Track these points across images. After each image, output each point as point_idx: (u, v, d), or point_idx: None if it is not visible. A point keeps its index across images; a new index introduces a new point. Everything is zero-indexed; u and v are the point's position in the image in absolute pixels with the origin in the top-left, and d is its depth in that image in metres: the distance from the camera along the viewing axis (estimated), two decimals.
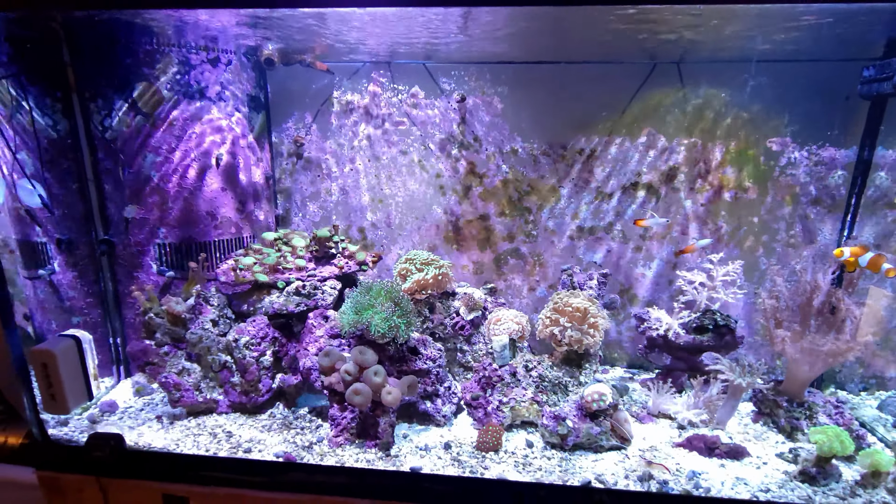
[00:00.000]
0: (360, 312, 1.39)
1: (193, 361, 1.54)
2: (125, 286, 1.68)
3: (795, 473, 1.34)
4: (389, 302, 1.41)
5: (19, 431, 2.08)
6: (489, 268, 2.00)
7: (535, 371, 1.56)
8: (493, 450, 1.43)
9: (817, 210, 1.75)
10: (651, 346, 1.69)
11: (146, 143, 1.58)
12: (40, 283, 1.69)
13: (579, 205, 1.90)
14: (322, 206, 2.01)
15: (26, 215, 1.57)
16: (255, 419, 1.55)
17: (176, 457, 1.41)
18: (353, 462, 1.38)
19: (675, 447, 1.46)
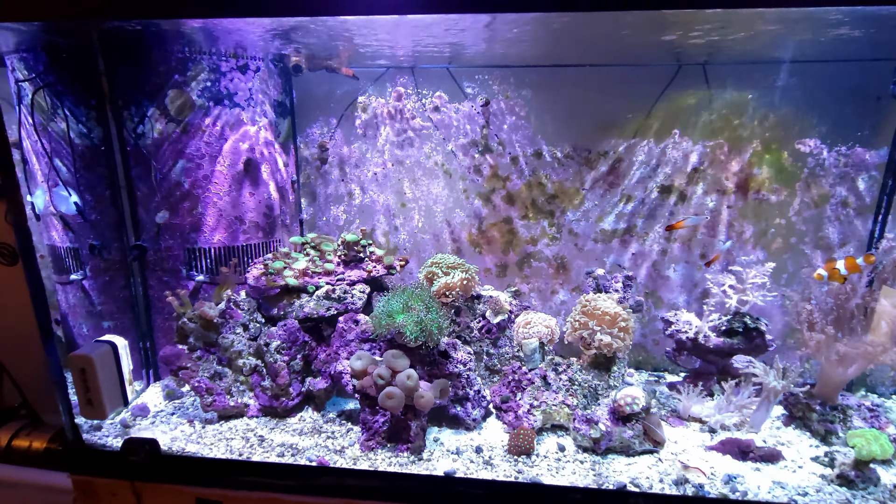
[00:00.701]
0: (393, 316, 1.39)
1: (224, 366, 1.55)
2: (155, 291, 1.70)
3: (833, 477, 1.33)
4: (421, 306, 1.41)
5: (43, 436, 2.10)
6: (512, 270, 2.00)
7: (565, 374, 1.56)
8: (526, 453, 1.42)
9: (847, 212, 1.74)
10: (680, 348, 1.68)
11: (177, 149, 1.60)
12: (72, 287, 1.71)
13: (604, 208, 1.90)
14: (346, 209, 2.02)
15: (60, 221, 1.59)
16: (286, 423, 1.56)
17: (210, 461, 1.42)
18: (386, 466, 1.38)
19: (708, 450, 1.45)
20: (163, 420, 1.57)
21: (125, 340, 1.45)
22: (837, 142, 1.70)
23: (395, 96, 1.90)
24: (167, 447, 1.47)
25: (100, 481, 1.43)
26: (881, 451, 1.26)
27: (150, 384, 1.75)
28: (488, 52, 1.67)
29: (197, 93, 1.57)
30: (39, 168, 1.56)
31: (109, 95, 1.52)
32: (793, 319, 1.53)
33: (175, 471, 1.42)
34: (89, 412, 1.35)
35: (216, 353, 1.54)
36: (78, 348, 1.70)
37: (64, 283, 1.72)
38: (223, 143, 1.65)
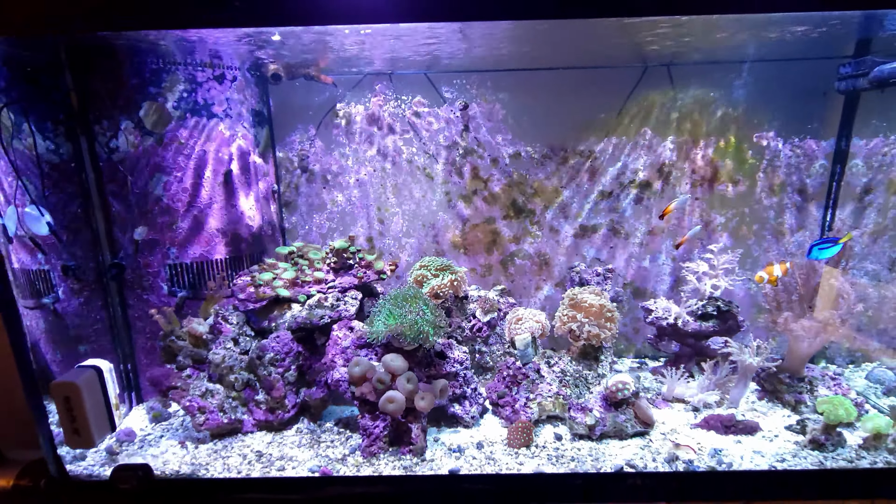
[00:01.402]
0: (389, 320, 1.40)
1: (216, 382, 1.52)
2: (135, 310, 1.64)
3: (805, 443, 1.45)
4: (417, 307, 1.43)
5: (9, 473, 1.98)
6: (497, 270, 2.05)
7: (557, 366, 1.62)
8: (525, 445, 1.47)
9: (802, 199, 1.89)
10: (661, 334, 1.78)
11: (154, 162, 1.55)
12: (42, 312, 1.62)
13: (581, 204, 1.98)
14: (329, 217, 2.01)
15: (30, 242, 1.51)
16: (282, 436, 1.54)
17: (207, 482, 1.38)
18: (390, 470, 1.39)
19: (694, 428, 1.54)
20: (151, 444, 1.52)
21: (110, 364, 1.39)
22: (791, 135, 1.85)
23: (374, 102, 1.91)
24: (160, 471, 1.42)
25: None
26: (846, 414, 1.38)
27: (134, 407, 1.68)
28: (465, 57, 1.71)
29: (173, 104, 1.53)
30: (6, 188, 1.48)
31: (79, 109, 1.46)
32: (762, 300, 1.64)
33: (170, 496, 1.37)
34: (76, 442, 1.29)
35: (206, 369, 1.50)
36: (53, 377, 1.62)
37: (34, 307, 1.63)
38: (201, 155, 1.61)
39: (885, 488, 1.34)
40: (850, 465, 1.37)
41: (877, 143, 1.80)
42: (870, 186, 1.82)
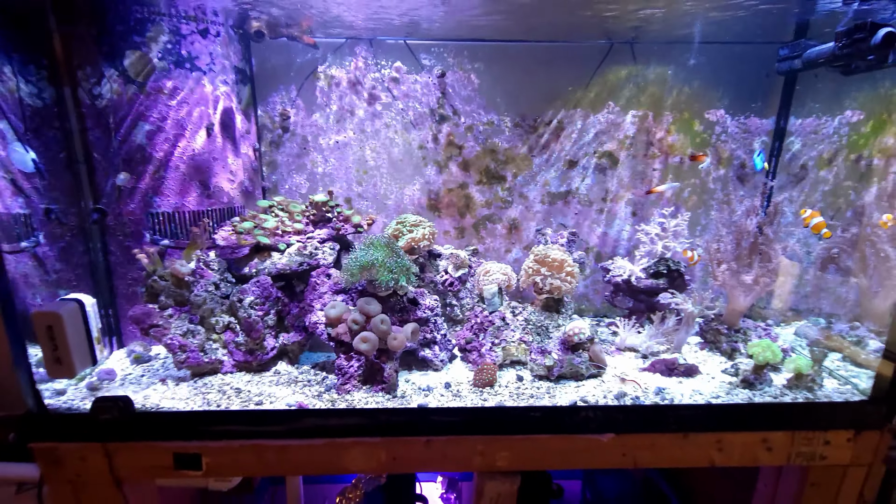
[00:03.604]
0: (364, 265, 1.50)
1: (197, 324, 1.58)
2: (117, 257, 1.68)
3: (737, 383, 1.62)
4: (390, 255, 1.53)
5: None
6: (469, 233, 2.17)
7: (521, 316, 1.75)
8: (489, 385, 1.59)
9: (746, 172, 2.07)
10: (616, 290, 1.93)
11: (138, 111, 1.59)
12: (22, 256, 1.65)
13: (549, 172, 2.11)
14: (309, 177, 2.08)
15: (10, 185, 1.53)
16: (261, 377, 1.62)
17: (187, 414, 1.45)
18: (363, 405, 1.49)
19: (642, 371, 1.70)
20: (132, 382, 1.57)
21: (93, 299, 1.43)
22: (738, 112, 2.03)
23: (354, 67, 1.99)
24: (140, 405, 1.48)
25: (66, 446, 1.41)
26: (772, 355, 1.56)
27: (115, 351, 1.73)
28: (444, 26, 1.80)
29: (157, 54, 1.58)
30: None
31: (63, 54, 1.49)
32: (705, 258, 1.81)
33: (150, 427, 1.43)
34: (57, 371, 1.33)
35: (188, 311, 1.56)
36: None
37: (14, 251, 1.65)
38: (185, 107, 1.66)
39: (804, 421, 1.53)
40: (774, 399, 1.55)
41: (810, 122, 2.00)
42: (804, 162, 2.02)
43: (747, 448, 1.55)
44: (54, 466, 1.44)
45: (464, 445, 1.50)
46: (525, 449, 1.51)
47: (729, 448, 1.55)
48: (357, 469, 1.49)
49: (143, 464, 1.45)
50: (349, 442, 1.48)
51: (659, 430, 1.52)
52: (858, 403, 1.56)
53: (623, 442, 1.53)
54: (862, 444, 1.54)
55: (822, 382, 1.60)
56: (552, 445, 1.52)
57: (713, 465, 1.57)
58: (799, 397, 1.57)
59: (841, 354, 1.81)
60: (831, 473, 1.61)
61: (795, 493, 1.64)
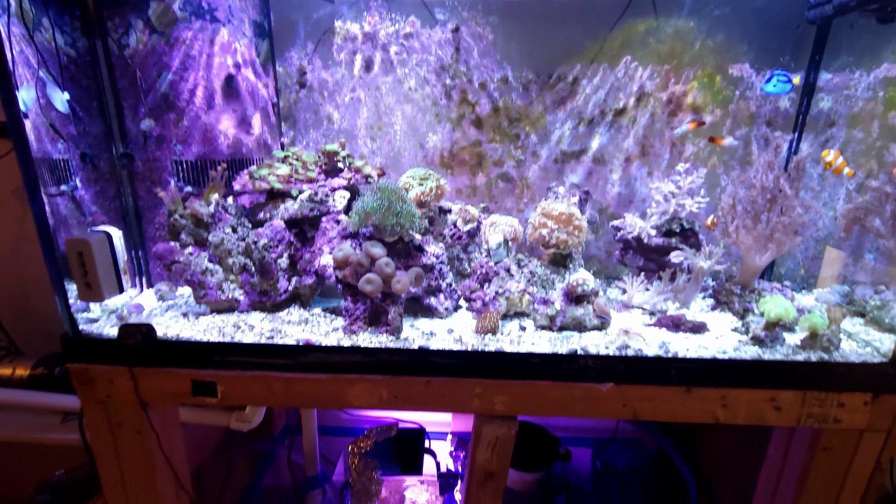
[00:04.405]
0: (371, 209, 1.54)
1: (215, 264, 1.68)
2: (145, 202, 1.79)
3: (747, 340, 1.58)
4: (397, 200, 1.56)
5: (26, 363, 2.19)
6: (481, 191, 2.18)
7: (527, 268, 1.76)
8: (491, 332, 1.62)
9: (771, 130, 1.98)
10: (626, 248, 1.91)
11: (162, 61, 1.67)
12: (62, 199, 1.78)
13: (563, 130, 2.09)
14: (325, 133, 2.14)
15: (50, 128, 1.65)
16: (274, 316, 1.70)
17: (204, 344, 1.55)
18: (367, 345, 1.55)
19: (647, 327, 1.68)
20: (157, 316, 1.69)
21: (119, 231, 1.54)
22: (764, 67, 1.93)
23: (369, 22, 2.01)
24: (163, 335, 1.58)
25: (97, 368, 1.54)
26: (786, 312, 1.51)
27: (144, 290, 1.86)
28: None
29: (179, 5, 1.65)
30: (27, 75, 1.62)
31: (94, 6, 1.58)
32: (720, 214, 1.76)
33: (170, 355, 1.54)
34: (87, 295, 1.45)
35: (207, 251, 1.65)
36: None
37: (54, 194, 1.79)
38: (205, 58, 1.73)
39: (816, 381, 1.48)
40: (784, 357, 1.51)
41: (843, 78, 1.88)
42: (833, 120, 1.91)
43: (754, 406, 1.52)
44: (88, 387, 1.57)
45: (462, 387, 1.54)
46: (523, 394, 1.54)
47: (734, 405, 1.53)
48: (360, 404, 1.56)
49: (164, 388, 1.57)
50: (353, 378, 1.55)
51: (661, 382, 1.51)
52: (878, 365, 1.50)
53: (623, 393, 1.53)
54: (880, 408, 1.48)
55: (839, 344, 1.54)
56: (551, 392, 1.53)
57: (717, 422, 1.55)
58: (813, 357, 1.52)
59: (862, 319, 1.73)
60: (845, 438, 1.56)
61: (806, 458, 1.60)
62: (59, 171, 1.76)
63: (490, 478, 1.61)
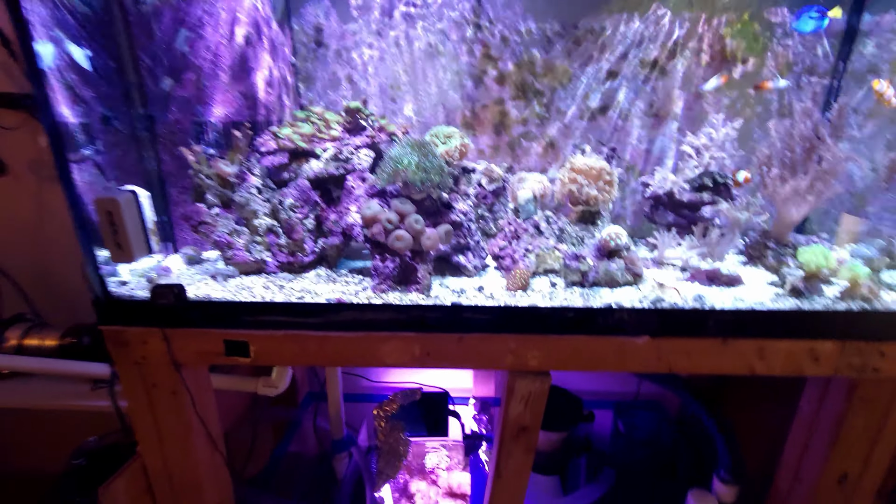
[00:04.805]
0: (398, 165, 1.51)
1: (242, 226, 1.66)
2: (168, 166, 1.78)
3: (784, 292, 1.55)
4: (424, 155, 1.53)
5: (54, 334, 2.21)
6: (504, 151, 2.13)
7: (556, 225, 1.73)
8: (522, 288, 1.60)
9: (810, 78, 1.90)
10: (656, 204, 1.86)
11: (178, 17, 1.63)
12: (85, 164, 1.77)
13: (590, 84, 2.02)
14: (343, 94, 2.09)
15: (70, 92, 1.63)
16: (302, 277, 1.70)
17: (236, 304, 1.55)
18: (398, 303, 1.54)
19: (681, 282, 1.65)
20: (186, 277, 1.69)
21: (147, 192, 1.53)
22: None
23: None
24: (193, 296, 1.58)
25: (130, 330, 1.55)
26: (826, 262, 1.47)
27: (170, 255, 1.86)
28: None
29: None
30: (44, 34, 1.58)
31: None
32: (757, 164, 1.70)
33: (202, 315, 1.54)
34: (118, 255, 1.44)
35: (233, 212, 1.64)
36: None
37: (77, 160, 1.77)
38: (221, 14, 1.68)
39: (856, 330, 1.45)
40: (824, 308, 1.48)
41: (889, 19, 1.79)
42: (875, 66, 1.83)
43: (791, 357, 1.50)
44: (122, 349, 1.59)
45: (496, 343, 1.53)
46: (557, 349, 1.53)
47: (771, 356, 1.50)
48: (392, 362, 1.56)
49: (197, 348, 1.57)
50: (385, 336, 1.54)
51: (697, 334, 1.49)
52: None
53: (658, 346, 1.52)
54: None
55: (880, 293, 1.51)
56: (585, 346, 1.52)
57: (753, 374, 1.53)
58: (853, 308, 1.49)
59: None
60: (883, 388, 1.54)
61: (841, 409, 1.58)
62: (79, 136, 1.74)
63: (523, 432, 1.62)
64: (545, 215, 1.73)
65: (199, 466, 1.75)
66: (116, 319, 1.55)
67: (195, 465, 1.74)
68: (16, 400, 2.12)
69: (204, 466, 1.77)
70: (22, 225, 2.42)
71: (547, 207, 1.84)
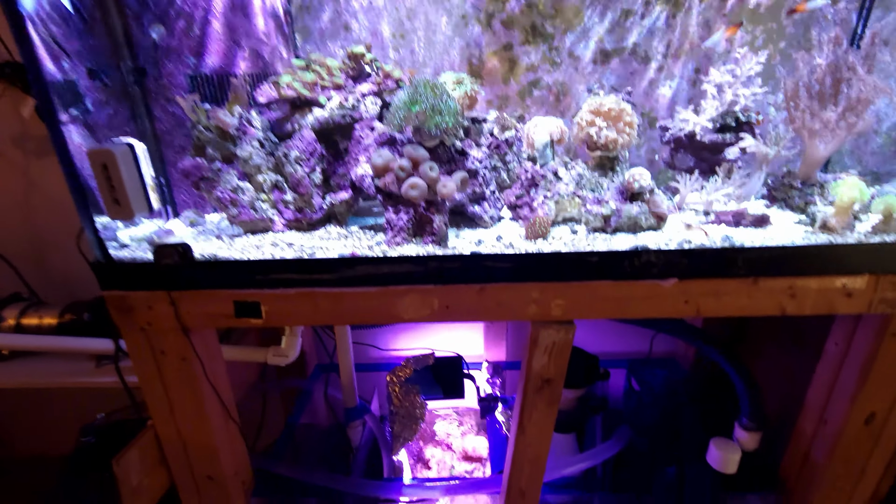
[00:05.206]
0: (410, 108, 1.42)
1: (245, 182, 1.58)
2: (162, 123, 1.67)
3: (815, 229, 1.50)
4: (437, 97, 1.44)
5: (52, 312, 2.13)
6: (514, 101, 2.04)
7: (574, 171, 1.65)
8: (542, 237, 1.53)
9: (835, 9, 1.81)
10: (676, 147, 1.79)
11: None
12: (75, 125, 1.66)
13: (603, 25, 1.92)
14: (342, 44, 1.97)
15: (53, 44, 1.51)
16: (311, 234, 1.62)
17: (244, 262, 1.47)
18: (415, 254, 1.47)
19: (705, 224, 1.60)
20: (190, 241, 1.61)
21: (143, 145, 1.44)
22: None
23: None
24: (199, 256, 1.50)
25: (134, 295, 1.47)
26: (860, 194, 1.41)
27: (171, 219, 1.77)
28: None
29: None
30: None
31: None
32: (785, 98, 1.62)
33: (210, 275, 1.47)
34: (117, 212, 1.36)
35: (235, 167, 1.55)
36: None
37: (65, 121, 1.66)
38: None
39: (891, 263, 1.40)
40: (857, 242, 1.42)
41: None
42: None
43: (823, 294, 1.45)
44: (126, 315, 1.51)
45: (518, 292, 1.47)
46: (581, 296, 1.48)
47: (802, 294, 1.46)
48: (410, 317, 1.50)
49: (206, 311, 1.51)
50: (402, 290, 1.48)
51: (726, 274, 1.44)
52: None
53: (686, 288, 1.47)
54: None
55: None
56: (610, 293, 1.47)
57: (783, 314, 1.49)
58: (887, 240, 1.43)
59: None
60: None
61: (871, 347, 1.54)
62: (66, 95, 1.63)
63: (547, 384, 1.58)
64: (563, 160, 1.65)
65: (214, 435, 1.70)
66: (119, 284, 1.47)
67: (210, 433, 1.69)
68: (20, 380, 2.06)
69: (219, 435, 1.73)
70: (11, 203, 2.33)
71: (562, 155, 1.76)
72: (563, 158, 1.67)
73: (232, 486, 1.79)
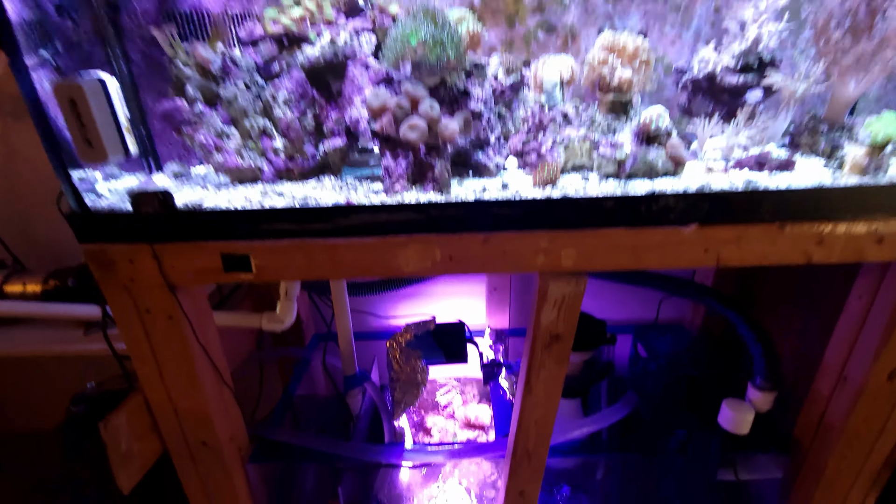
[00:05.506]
0: (411, 36, 1.30)
1: (230, 126, 1.46)
2: (140, 68, 1.54)
3: (846, 171, 1.40)
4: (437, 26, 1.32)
5: (36, 279, 2.02)
6: (518, 47, 1.90)
7: (585, 114, 1.54)
8: (551, 183, 1.43)
9: None
10: (695, 91, 1.67)
11: None
12: (46, 71, 1.53)
13: None
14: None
15: None
16: (303, 184, 1.51)
17: (233, 212, 1.36)
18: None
19: (727, 171, 1.49)
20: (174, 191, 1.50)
21: (116, 82, 1.32)
22: None
23: None
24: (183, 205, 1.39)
25: (114, 248, 1.37)
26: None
27: (154, 173, 1.66)
28: None
29: None
30: None
31: None
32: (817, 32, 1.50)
33: (195, 226, 1.36)
34: (89, 154, 1.25)
35: (219, 109, 1.43)
36: None
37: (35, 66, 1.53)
38: None
39: None
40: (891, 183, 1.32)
41: None
42: None
43: (852, 241, 1.36)
44: (107, 271, 1.42)
45: (525, 242, 1.38)
46: (594, 245, 1.38)
47: (830, 241, 1.37)
48: (411, 269, 1.41)
49: (192, 266, 1.41)
50: (402, 240, 1.38)
51: (750, 220, 1.34)
52: None
53: (706, 235, 1.37)
54: None
55: None
56: (625, 241, 1.37)
57: (809, 263, 1.39)
58: None
59: None
60: None
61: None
62: (32, 36, 1.49)
63: (556, 341, 1.49)
64: (573, 104, 1.53)
65: (207, 399, 1.62)
66: (97, 235, 1.37)
67: (202, 397, 1.61)
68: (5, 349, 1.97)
69: (212, 399, 1.65)
70: None
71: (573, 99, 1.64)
72: (574, 100, 1.55)
73: (228, 451, 1.73)
